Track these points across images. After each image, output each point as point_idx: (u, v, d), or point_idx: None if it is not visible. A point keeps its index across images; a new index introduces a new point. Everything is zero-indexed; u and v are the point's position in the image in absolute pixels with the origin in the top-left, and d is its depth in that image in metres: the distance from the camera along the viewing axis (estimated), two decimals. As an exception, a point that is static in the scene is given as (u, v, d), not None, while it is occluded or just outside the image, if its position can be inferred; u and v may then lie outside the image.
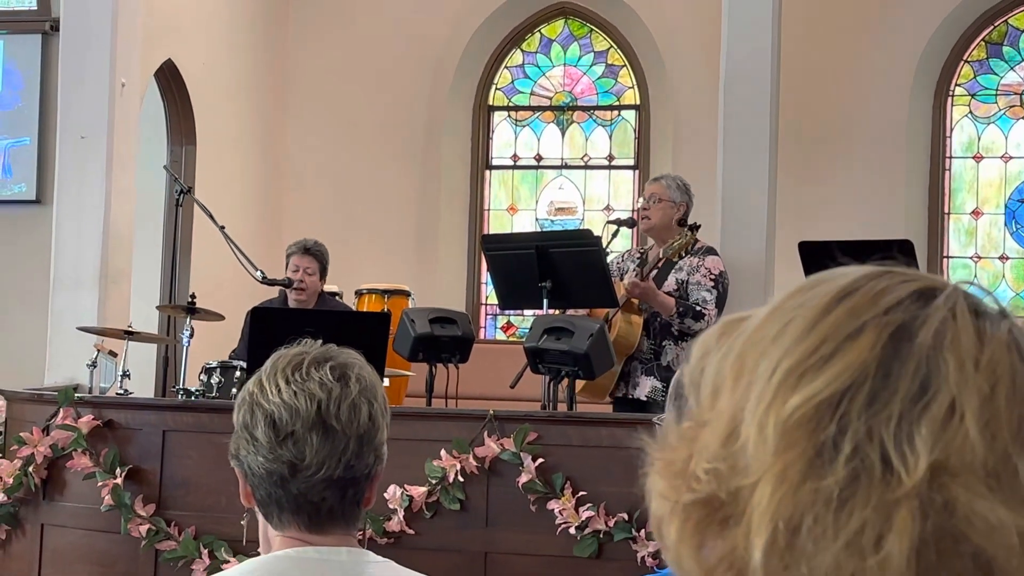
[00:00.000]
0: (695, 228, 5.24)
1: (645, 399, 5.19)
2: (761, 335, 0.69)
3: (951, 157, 8.22)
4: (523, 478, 4.44)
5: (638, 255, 5.57)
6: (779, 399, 0.66)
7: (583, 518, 4.36)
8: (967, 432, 0.62)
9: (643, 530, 4.34)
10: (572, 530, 4.38)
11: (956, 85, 8.22)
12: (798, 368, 0.66)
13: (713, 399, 0.71)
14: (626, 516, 4.37)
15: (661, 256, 5.26)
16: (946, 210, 8.19)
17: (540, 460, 4.45)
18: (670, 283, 5.27)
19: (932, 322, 0.65)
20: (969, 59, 8.22)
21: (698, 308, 5.17)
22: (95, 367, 5.69)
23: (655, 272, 5.26)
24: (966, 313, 0.66)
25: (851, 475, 0.62)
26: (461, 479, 4.49)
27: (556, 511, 4.39)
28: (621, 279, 5.33)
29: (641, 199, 5.58)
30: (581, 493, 4.40)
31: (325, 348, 1.70)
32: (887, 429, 0.63)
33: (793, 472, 0.64)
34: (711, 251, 5.39)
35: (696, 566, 0.70)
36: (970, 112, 8.23)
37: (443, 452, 4.51)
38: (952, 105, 8.22)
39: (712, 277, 5.26)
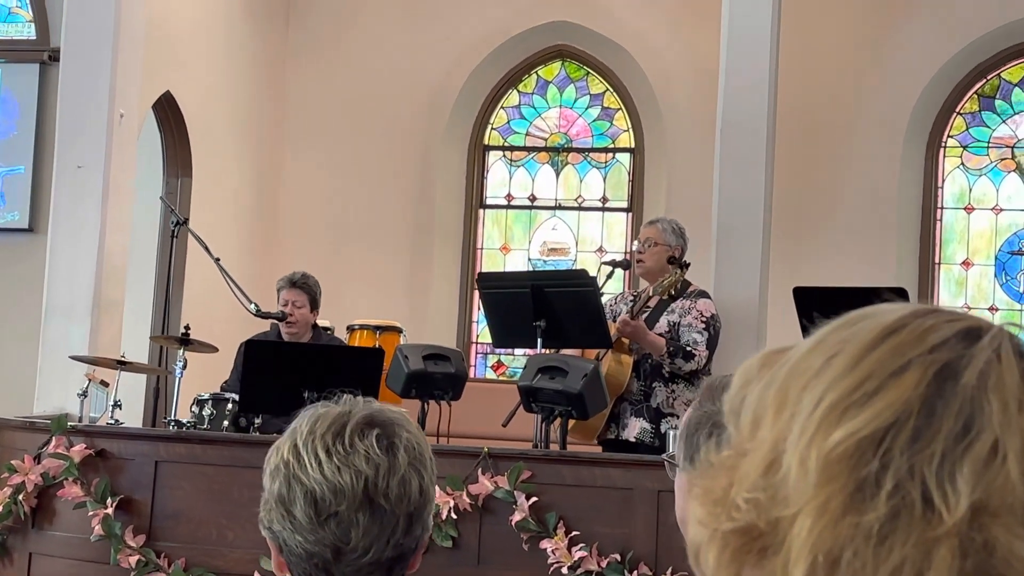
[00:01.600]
0: (685, 266, 5.27)
1: (634, 440, 5.19)
2: (805, 367, 0.70)
3: (943, 208, 8.28)
4: (516, 516, 4.43)
5: (631, 298, 5.59)
6: (822, 432, 0.66)
7: (576, 558, 4.35)
8: (1008, 473, 0.63)
9: (635, 571, 4.33)
10: (565, 570, 4.37)
11: (948, 137, 8.29)
12: (842, 403, 0.66)
13: (754, 429, 0.71)
14: (619, 557, 4.36)
15: (651, 294, 5.28)
16: (937, 260, 8.24)
17: (534, 499, 4.45)
18: (662, 325, 5.28)
19: (977, 362, 0.66)
20: (962, 111, 8.30)
21: (688, 349, 5.19)
22: (86, 396, 5.66)
23: (647, 312, 5.28)
24: (1011, 355, 0.66)
25: (892, 511, 0.63)
26: (454, 516, 4.48)
27: (549, 550, 4.38)
28: (614, 321, 5.34)
29: (636, 242, 5.61)
30: (574, 533, 4.40)
31: (367, 408, 1.52)
32: (929, 467, 0.63)
33: (834, 505, 0.64)
34: (703, 294, 5.41)
35: (733, 594, 0.70)
36: (962, 164, 8.30)
37: (437, 489, 4.50)
38: (944, 156, 8.29)
39: (704, 320, 5.28)
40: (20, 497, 4.94)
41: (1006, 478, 0.63)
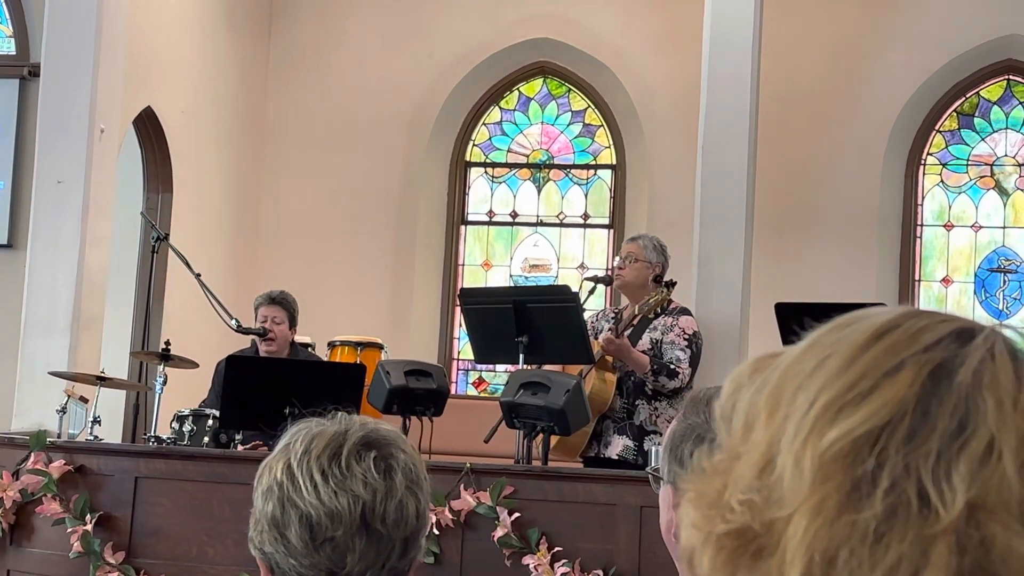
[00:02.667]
0: (671, 285, 5.28)
1: (616, 458, 5.18)
2: (798, 369, 0.70)
3: (922, 225, 8.33)
4: (499, 532, 4.42)
5: (613, 315, 5.59)
6: (816, 433, 0.66)
7: (558, 574, 4.34)
8: (1004, 470, 0.63)
9: (618, 587, 4.33)
10: (546, 586, 4.36)
11: (928, 154, 8.35)
12: (836, 402, 0.66)
13: (747, 432, 0.71)
14: (601, 572, 4.35)
15: (636, 313, 5.28)
16: (917, 277, 8.28)
17: (516, 515, 4.44)
18: (644, 342, 5.28)
19: (971, 361, 0.66)
20: (941, 129, 8.35)
21: (672, 367, 5.19)
22: (64, 413, 5.63)
23: (630, 330, 5.28)
24: (1004, 354, 0.67)
25: (888, 510, 0.63)
26: (436, 532, 4.46)
27: (531, 566, 4.37)
28: (596, 338, 5.34)
29: (617, 258, 5.61)
30: (557, 548, 4.39)
31: (363, 428, 1.48)
32: (925, 465, 0.63)
33: (830, 505, 0.64)
34: (685, 311, 5.42)
35: (729, 597, 0.70)
36: (941, 181, 8.35)
37: (418, 505, 4.48)
38: (924, 174, 8.34)
39: (686, 337, 5.28)
40: (-2, 513, 4.90)
41: (1002, 475, 0.63)
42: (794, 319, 5.04)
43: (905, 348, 0.67)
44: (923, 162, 8.33)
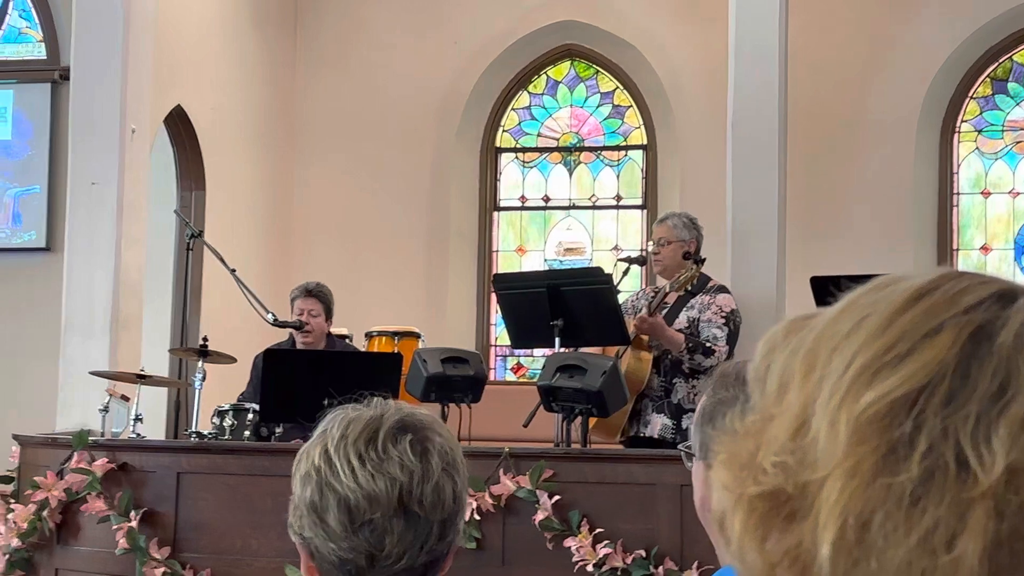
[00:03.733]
0: (701, 261, 5.25)
1: (656, 437, 5.17)
2: (834, 331, 0.68)
3: (959, 193, 8.24)
4: (539, 516, 4.42)
5: (652, 294, 5.57)
6: (852, 395, 0.65)
7: (600, 555, 4.33)
8: None
9: (661, 567, 4.31)
10: (590, 567, 4.35)
11: (962, 121, 8.25)
12: (873, 364, 0.65)
13: (781, 393, 0.70)
14: (644, 553, 4.34)
15: (668, 291, 5.26)
16: (955, 246, 8.20)
17: (556, 497, 4.43)
18: (681, 321, 5.26)
19: (1013, 324, 0.64)
20: (975, 95, 8.26)
21: (708, 345, 5.16)
22: (107, 412, 5.67)
23: (665, 309, 5.26)
24: None
25: (925, 473, 0.62)
26: (477, 517, 4.46)
27: (573, 548, 4.37)
28: (634, 318, 5.32)
29: (651, 243, 5.59)
30: (598, 530, 4.38)
31: (399, 412, 1.49)
32: (964, 429, 0.62)
33: (865, 468, 0.63)
34: (723, 289, 5.39)
35: (759, 559, 0.69)
36: (977, 148, 8.26)
37: (459, 491, 4.49)
38: (959, 141, 8.26)
39: (723, 315, 5.26)
40: (44, 513, 4.95)
41: None
42: (830, 292, 4.99)
43: (945, 310, 0.66)
44: (958, 129, 8.24)
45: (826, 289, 5.15)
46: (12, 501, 5.17)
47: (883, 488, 0.63)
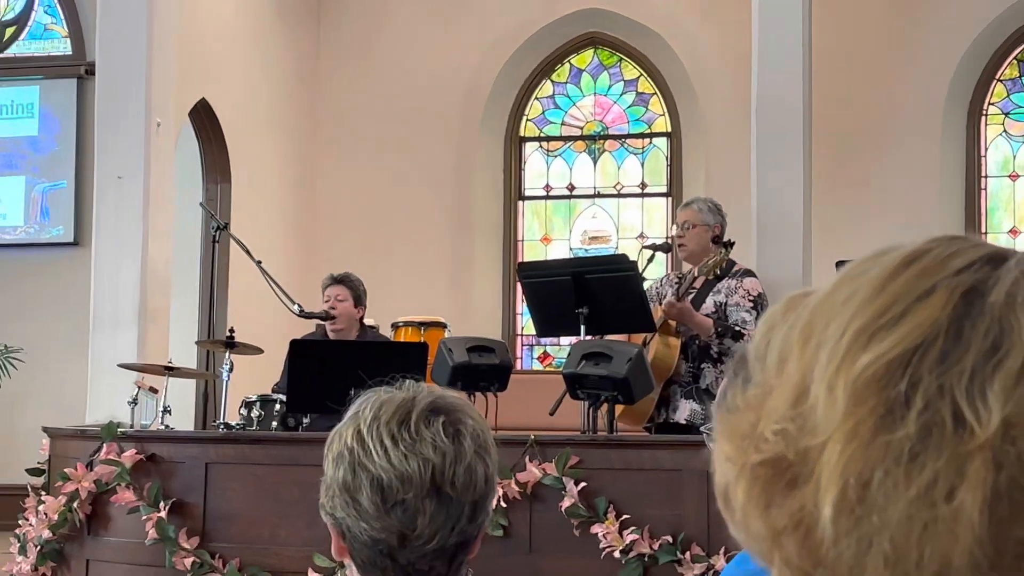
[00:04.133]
0: (729, 245, 5.23)
1: (685, 423, 5.16)
2: (830, 301, 0.70)
3: (986, 176, 8.18)
4: (566, 503, 4.42)
5: (676, 280, 5.55)
6: (849, 358, 0.66)
7: (627, 541, 4.33)
8: None
9: (688, 552, 4.30)
10: (617, 554, 4.35)
11: (990, 104, 8.19)
12: (868, 328, 0.66)
13: (780, 367, 0.71)
14: (671, 539, 4.33)
15: (696, 275, 5.25)
16: (983, 230, 8.14)
17: (582, 484, 4.43)
18: (708, 305, 5.25)
19: (1004, 283, 0.65)
20: (1002, 78, 8.19)
21: (737, 328, 5.15)
22: (136, 404, 5.72)
23: (692, 293, 5.25)
24: None
25: (923, 429, 0.62)
26: (503, 505, 4.47)
27: (600, 535, 4.37)
28: (660, 304, 5.31)
29: (675, 227, 5.57)
30: (625, 516, 4.38)
31: (431, 395, 1.50)
32: (959, 385, 0.63)
33: (864, 428, 0.64)
34: (749, 273, 5.37)
35: (764, 527, 0.70)
36: (1004, 131, 8.20)
37: (486, 478, 4.49)
38: (986, 124, 8.20)
39: (751, 298, 5.24)
40: (75, 504, 4.99)
41: None
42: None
43: (936, 272, 0.66)
44: (985, 112, 8.18)
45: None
46: (43, 493, 5.21)
47: (882, 447, 0.63)
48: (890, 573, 0.62)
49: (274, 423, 5.51)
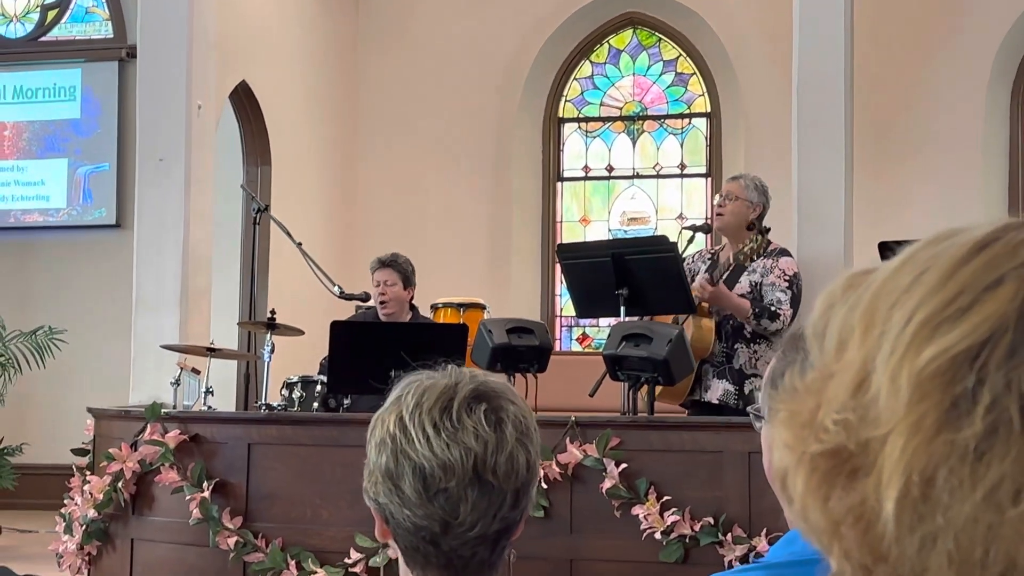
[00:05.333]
0: (766, 231, 5.19)
1: (717, 402, 5.15)
2: (893, 285, 0.68)
3: (1030, 155, 8.09)
4: (606, 484, 4.42)
5: (709, 256, 5.52)
6: (913, 350, 0.64)
7: (668, 523, 4.33)
8: None
9: (729, 534, 4.30)
10: (658, 535, 4.35)
11: (1034, 81, 8.09)
12: (934, 319, 0.64)
13: (840, 350, 0.69)
14: (712, 520, 4.33)
15: (732, 261, 5.22)
16: (1026, 209, 8.05)
17: (623, 465, 4.43)
18: (743, 285, 5.22)
19: None
20: (1047, 54, 8.09)
21: (773, 308, 5.12)
22: (178, 385, 5.76)
23: (727, 274, 5.23)
24: None
25: (989, 428, 0.61)
26: (544, 486, 4.48)
27: (641, 516, 4.37)
28: (692, 279, 5.29)
29: (717, 196, 5.52)
30: (666, 498, 4.37)
31: (473, 381, 1.50)
32: None
33: (927, 423, 0.62)
34: (784, 252, 5.33)
35: (823, 518, 0.69)
36: (1049, 108, 8.10)
37: (526, 460, 4.50)
38: (1030, 102, 8.10)
39: (786, 278, 5.21)
40: (119, 484, 5.04)
41: None
42: (899, 257, 4.92)
43: (1006, 261, 0.64)
44: (1029, 90, 8.08)
45: (894, 254, 5.10)
46: (88, 473, 5.27)
47: (946, 444, 0.62)
48: (954, 572, 0.61)
49: (315, 404, 5.54)
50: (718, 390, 5.16)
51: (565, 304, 8.66)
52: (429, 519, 1.45)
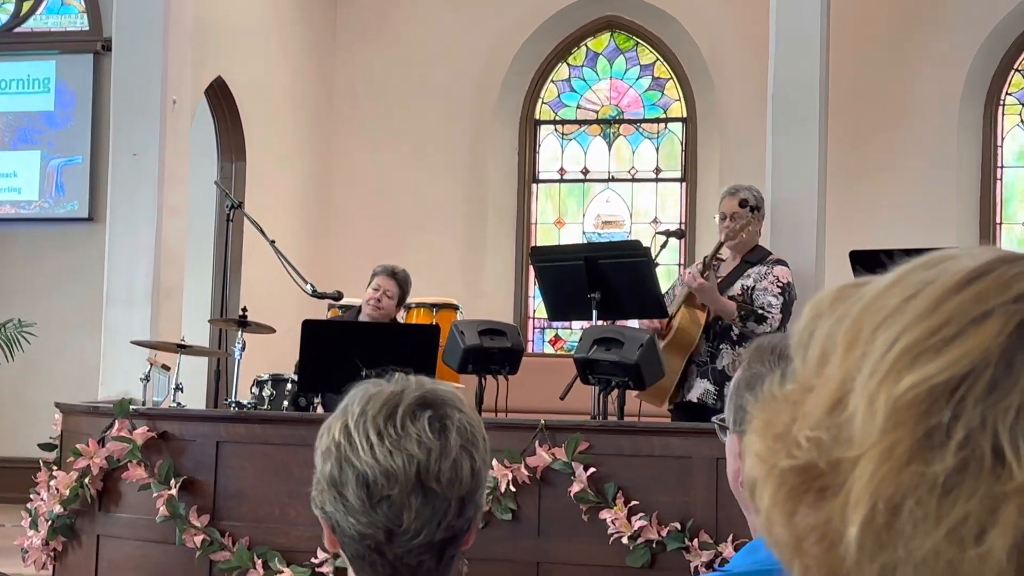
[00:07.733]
0: (756, 209, 5.28)
1: (696, 401, 5.19)
2: (881, 305, 0.67)
3: (1002, 167, 8.15)
4: (575, 488, 4.43)
5: (714, 264, 5.56)
6: (893, 375, 0.64)
7: (635, 528, 4.34)
8: None
9: (696, 539, 4.31)
10: (625, 540, 4.35)
11: (1007, 94, 8.15)
12: (917, 347, 0.63)
13: (821, 364, 0.69)
14: (679, 525, 4.34)
15: (723, 240, 5.27)
16: (998, 220, 8.11)
17: (592, 470, 4.44)
18: (736, 288, 5.27)
19: None
20: (1019, 68, 8.15)
21: (761, 312, 5.15)
22: (148, 381, 5.74)
23: (721, 278, 5.28)
24: None
25: (960, 463, 0.60)
26: (513, 489, 4.48)
27: (608, 521, 4.37)
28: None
29: (717, 216, 5.53)
30: (633, 502, 4.38)
31: (419, 389, 1.50)
32: (1004, 421, 0.60)
33: (899, 452, 0.62)
34: (780, 262, 5.38)
35: (787, 532, 0.68)
36: (1021, 121, 8.16)
37: (494, 462, 4.51)
38: (1003, 114, 8.16)
39: (779, 285, 5.26)
40: (86, 480, 5.01)
41: None
42: (870, 266, 4.96)
43: (995, 296, 0.63)
44: (1002, 102, 8.14)
45: (866, 263, 5.12)
46: (55, 468, 5.24)
47: (916, 475, 0.61)
48: None
49: (285, 402, 5.52)
50: (699, 389, 5.21)
51: (538, 306, 8.66)
52: (373, 527, 1.45)
